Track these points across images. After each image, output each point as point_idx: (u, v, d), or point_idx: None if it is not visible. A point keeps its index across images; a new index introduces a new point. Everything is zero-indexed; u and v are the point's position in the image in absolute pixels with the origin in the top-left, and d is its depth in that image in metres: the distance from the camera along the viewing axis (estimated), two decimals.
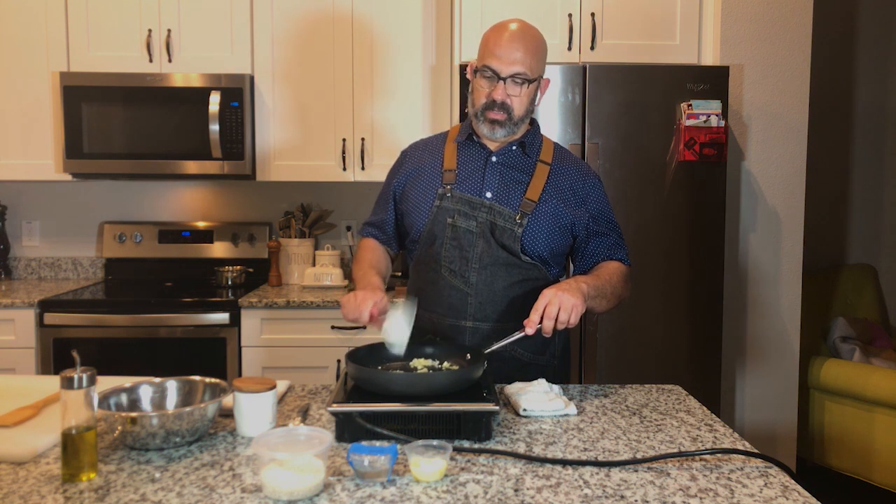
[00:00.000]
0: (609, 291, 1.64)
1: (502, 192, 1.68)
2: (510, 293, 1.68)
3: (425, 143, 1.85)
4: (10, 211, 3.41)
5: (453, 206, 1.68)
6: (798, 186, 2.95)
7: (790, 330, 2.99)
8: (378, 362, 1.46)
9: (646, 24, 2.92)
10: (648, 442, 1.30)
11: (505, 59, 1.61)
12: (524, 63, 1.61)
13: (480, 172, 1.71)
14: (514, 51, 1.61)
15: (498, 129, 1.66)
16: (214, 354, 2.81)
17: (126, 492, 1.07)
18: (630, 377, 2.49)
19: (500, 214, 1.66)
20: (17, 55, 3.05)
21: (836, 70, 4.00)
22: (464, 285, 1.67)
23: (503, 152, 1.72)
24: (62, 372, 1.11)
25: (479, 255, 1.66)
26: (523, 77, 1.62)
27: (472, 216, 1.67)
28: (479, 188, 1.69)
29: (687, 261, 2.67)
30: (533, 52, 1.63)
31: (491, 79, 1.63)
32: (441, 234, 1.68)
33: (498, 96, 1.62)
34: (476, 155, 1.73)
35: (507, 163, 1.71)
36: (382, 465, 1.10)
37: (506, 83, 1.62)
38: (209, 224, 3.39)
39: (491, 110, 1.64)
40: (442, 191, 1.70)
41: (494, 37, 1.64)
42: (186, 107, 2.98)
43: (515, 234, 1.65)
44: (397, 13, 3.08)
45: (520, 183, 1.70)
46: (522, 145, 1.72)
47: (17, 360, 2.79)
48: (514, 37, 1.63)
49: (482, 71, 1.64)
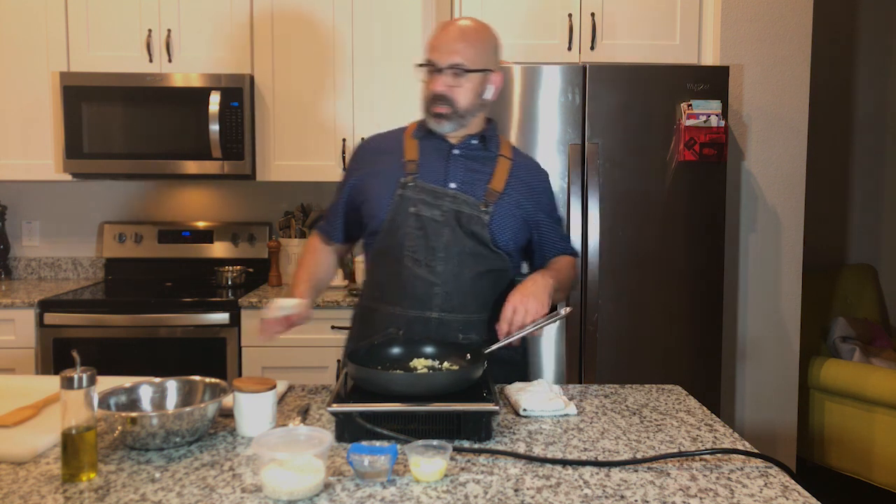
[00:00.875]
0: (566, 284, 1.73)
1: (467, 183, 1.68)
2: (477, 284, 1.66)
3: (383, 136, 1.83)
4: (10, 211, 3.41)
5: (416, 195, 1.66)
6: (798, 186, 2.95)
7: (790, 330, 2.99)
8: (378, 362, 1.46)
9: (646, 24, 2.92)
10: (648, 442, 1.30)
11: (443, 51, 1.62)
12: (461, 53, 1.62)
13: (443, 164, 1.69)
14: (452, 42, 1.63)
15: (444, 122, 1.65)
16: (214, 354, 2.81)
17: (126, 492, 1.07)
18: (630, 377, 2.49)
19: (465, 203, 1.65)
20: (17, 55, 3.05)
21: (836, 70, 4.00)
22: (429, 275, 1.64)
23: (464, 145, 1.71)
24: (62, 372, 1.11)
25: (446, 243, 1.64)
26: (460, 67, 1.62)
27: (437, 205, 1.65)
28: (443, 178, 1.68)
29: (687, 261, 2.67)
30: (473, 43, 1.64)
31: (431, 71, 1.64)
32: (403, 223, 1.65)
33: (437, 87, 1.63)
34: (437, 147, 1.72)
35: (469, 155, 1.71)
36: (382, 465, 1.10)
37: (443, 73, 1.62)
38: (209, 224, 3.39)
39: (434, 104, 1.64)
40: (404, 180, 1.67)
41: (437, 31, 1.67)
42: (186, 107, 2.98)
43: (483, 220, 1.64)
44: (397, 13, 3.08)
45: (483, 174, 1.70)
46: (483, 139, 1.72)
47: (17, 360, 2.79)
48: (454, 30, 1.65)
49: (423, 65, 1.66)
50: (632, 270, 2.66)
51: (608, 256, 2.63)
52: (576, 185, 2.62)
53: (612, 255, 2.64)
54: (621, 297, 2.65)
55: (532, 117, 2.61)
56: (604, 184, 2.62)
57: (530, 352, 2.64)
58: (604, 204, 2.63)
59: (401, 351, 1.51)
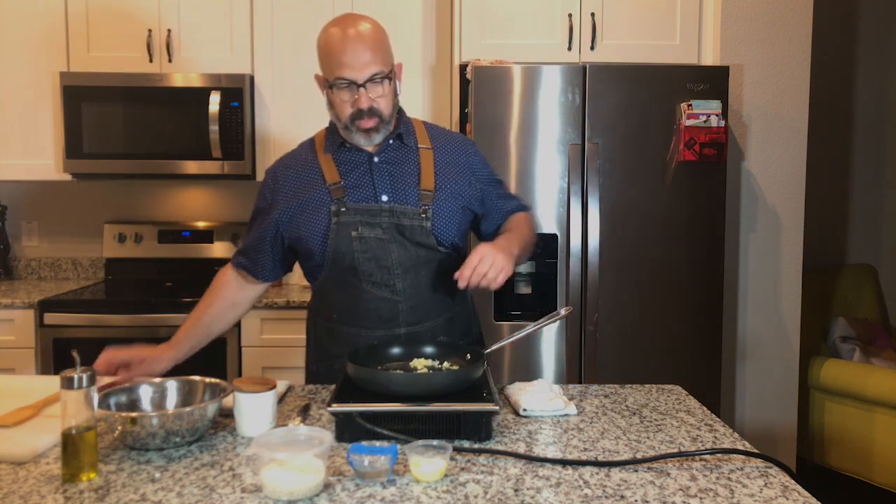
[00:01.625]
0: (528, 243, 1.70)
1: (398, 191, 1.61)
2: (437, 290, 1.64)
3: (293, 158, 1.71)
4: (10, 211, 3.41)
5: (352, 218, 1.59)
6: (798, 186, 2.95)
7: (790, 330, 2.99)
8: (378, 362, 1.46)
9: (646, 24, 2.92)
10: (648, 442, 1.30)
11: (357, 65, 1.52)
12: (375, 61, 1.53)
13: (368, 177, 1.62)
14: (361, 52, 1.52)
15: (374, 134, 1.58)
16: (214, 354, 2.80)
17: (126, 492, 1.07)
18: (630, 377, 2.49)
19: (403, 214, 1.60)
20: (17, 55, 3.05)
21: (836, 70, 4.00)
22: (391, 294, 1.61)
23: (383, 150, 1.64)
24: (62, 372, 1.11)
25: (398, 260, 1.60)
26: (381, 75, 1.54)
27: (376, 223, 1.59)
28: (373, 193, 1.61)
29: (687, 261, 2.67)
30: (379, 45, 1.55)
31: (349, 88, 1.54)
32: (349, 250, 1.59)
33: (364, 104, 1.54)
34: (356, 160, 1.63)
35: (391, 160, 1.64)
36: (382, 465, 1.10)
37: (366, 88, 1.53)
38: (209, 224, 3.39)
39: (360, 119, 1.56)
40: (335, 207, 1.59)
41: (335, 45, 1.54)
42: (186, 107, 2.98)
43: (425, 228, 1.60)
44: (397, 13, 3.07)
45: (410, 176, 1.64)
46: (399, 136, 1.66)
47: (17, 360, 2.79)
48: (355, 38, 1.53)
49: (337, 84, 1.54)
50: (632, 270, 2.66)
51: (608, 256, 2.63)
52: (576, 185, 2.62)
53: (612, 255, 2.64)
54: (621, 297, 2.65)
55: (532, 117, 2.61)
56: (604, 184, 2.62)
57: (530, 351, 2.65)
58: (604, 204, 2.63)
59: (401, 351, 1.51)
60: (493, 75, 2.60)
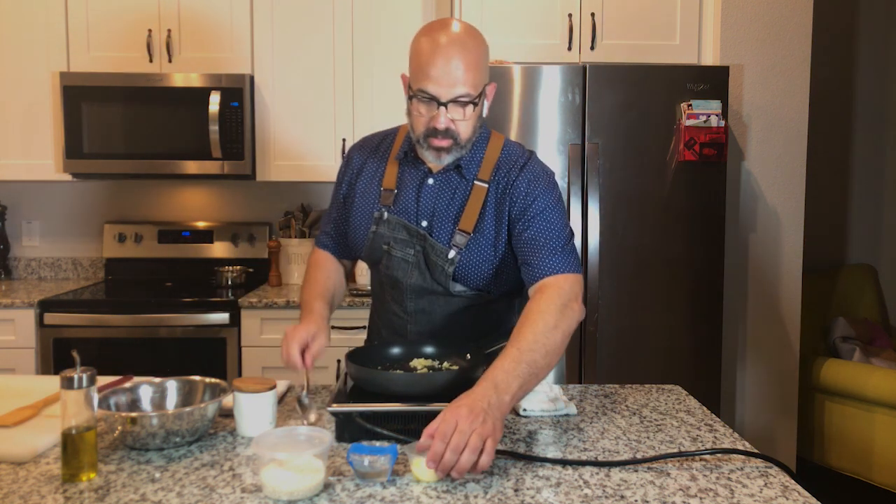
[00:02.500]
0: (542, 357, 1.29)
1: (437, 221, 1.54)
2: (452, 320, 1.58)
3: (372, 147, 1.67)
4: (10, 211, 3.41)
5: (388, 232, 1.56)
6: (798, 186, 2.95)
7: (790, 330, 2.99)
8: (378, 362, 1.46)
9: (646, 24, 2.92)
10: (648, 442, 1.30)
11: (443, 82, 1.39)
12: (466, 82, 1.40)
13: (415, 196, 1.56)
14: (453, 70, 1.39)
15: (444, 155, 1.47)
16: (214, 354, 2.81)
17: (126, 492, 1.07)
18: (630, 377, 2.49)
19: (432, 248, 1.53)
20: (17, 55, 3.05)
21: (836, 70, 4.00)
22: (401, 311, 1.61)
23: (441, 174, 1.55)
24: (62, 372, 1.11)
25: (414, 285, 1.56)
26: (467, 98, 1.42)
27: (410, 243, 1.55)
28: (415, 214, 1.55)
29: (687, 261, 2.67)
30: (475, 64, 1.42)
31: (429, 103, 1.42)
32: (378, 259, 1.59)
33: (440, 125, 1.42)
34: (414, 175, 1.57)
35: (443, 186, 1.55)
36: (382, 465, 1.10)
37: (447, 108, 1.42)
38: (209, 224, 3.39)
39: (434, 137, 1.45)
40: (378, 214, 1.57)
41: (426, 53, 1.41)
42: (186, 107, 2.98)
43: (446, 272, 1.52)
44: (397, 12, 3.08)
45: (453, 211, 1.53)
46: (459, 168, 1.54)
47: (17, 360, 2.79)
48: (450, 52, 1.39)
49: (418, 95, 1.43)
50: (632, 271, 2.66)
51: (608, 256, 2.63)
52: (576, 185, 2.62)
53: (613, 256, 2.64)
54: (621, 297, 2.65)
55: (532, 117, 2.61)
56: (604, 184, 2.62)
57: None
58: (604, 204, 2.63)
59: (401, 351, 1.51)
60: (493, 75, 2.58)
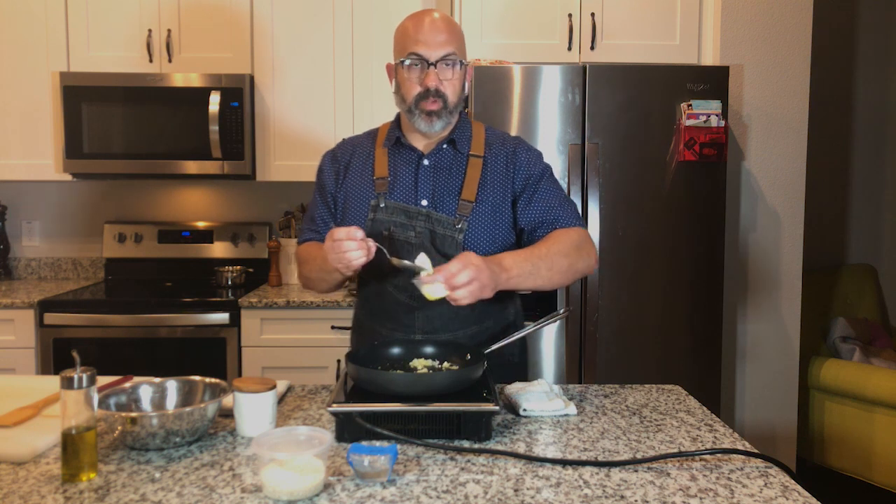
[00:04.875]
0: (545, 269, 1.51)
1: (438, 198, 1.60)
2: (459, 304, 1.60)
3: (354, 144, 1.73)
4: (10, 211, 3.41)
5: (388, 217, 1.59)
6: (798, 186, 2.95)
7: (790, 329, 2.99)
8: (378, 362, 1.46)
9: (646, 24, 2.92)
10: (648, 442, 1.30)
11: (432, 43, 1.54)
12: (451, 43, 1.56)
13: (413, 178, 1.62)
14: (438, 33, 1.55)
15: (436, 120, 1.57)
16: (214, 354, 2.81)
17: (126, 492, 1.08)
18: (630, 377, 2.49)
19: (438, 222, 1.58)
20: (17, 55, 3.05)
21: (836, 70, 4.00)
22: (409, 300, 1.60)
23: (434, 153, 1.64)
24: (62, 372, 1.11)
25: None
26: (453, 58, 1.56)
27: (410, 226, 1.58)
28: (414, 196, 1.61)
29: (687, 261, 2.67)
30: (455, 32, 1.59)
31: (419, 66, 1.56)
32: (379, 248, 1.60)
33: (431, 83, 1.54)
34: (407, 159, 1.64)
35: (439, 165, 1.63)
36: (382, 465, 1.10)
37: (436, 67, 1.55)
38: (209, 224, 3.39)
39: (425, 100, 1.55)
40: (375, 201, 1.60)
41: (412, 26, 1.58)
42: (186, 107, 2.98)
43: (456, 240, 1.57)
44: (397, 13, 3.07)
45: (454, 184, 1.61)
46: (452, 142, 1.64)
47: (17, 360, 2.79)
48: (434, 21, 1.57)
49: (410, 59, 1.56)
50: (632, 271, 2.66)
51: (608, 256, 2.63)
52: (576, 185, 2.62)
53: (613, 256, 2.64)
54: (621, 297, 2.65)
55: (532, 117, 2.61)
56: (604, 184, 2.62)
57: (530, 351, 2.64)
58: (604, 204, 2.63)
59: (401, 351, 1.51)
60: (493, 75, 2.60)
